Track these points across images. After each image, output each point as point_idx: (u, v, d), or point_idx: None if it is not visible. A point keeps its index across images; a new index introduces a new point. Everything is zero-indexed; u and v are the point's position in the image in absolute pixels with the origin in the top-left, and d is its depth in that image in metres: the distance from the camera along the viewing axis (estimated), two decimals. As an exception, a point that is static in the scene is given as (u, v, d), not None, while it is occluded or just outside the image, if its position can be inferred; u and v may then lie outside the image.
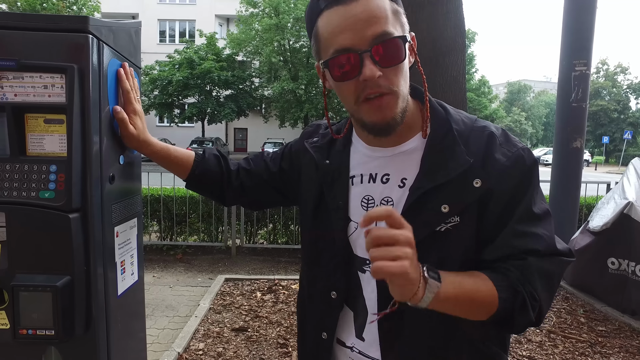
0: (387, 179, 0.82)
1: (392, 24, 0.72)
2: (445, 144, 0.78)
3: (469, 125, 0.80)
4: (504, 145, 0.76)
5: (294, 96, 21.84)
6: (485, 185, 0.74)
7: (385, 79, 0.71)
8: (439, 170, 0.76)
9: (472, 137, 0.78)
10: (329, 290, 0.87)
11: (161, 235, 5.15)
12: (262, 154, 1.12)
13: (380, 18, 0.70)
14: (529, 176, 0.76)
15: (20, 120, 0.97)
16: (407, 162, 0.81)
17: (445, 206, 0.75)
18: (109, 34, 1.04)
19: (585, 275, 3.91)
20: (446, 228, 0.75)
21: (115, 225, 1.10)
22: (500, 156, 0.75)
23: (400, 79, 0.73)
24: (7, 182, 0.96)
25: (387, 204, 0.81)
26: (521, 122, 51.39)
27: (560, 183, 4.65)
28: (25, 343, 0.98)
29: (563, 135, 4.57)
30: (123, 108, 1.05)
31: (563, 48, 4.57)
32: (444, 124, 0.80)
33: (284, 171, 1.04)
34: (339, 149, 0.90)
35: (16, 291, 0.95)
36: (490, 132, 0.78)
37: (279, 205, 1.16)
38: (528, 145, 14.01)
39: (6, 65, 0.94)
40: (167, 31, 29.62)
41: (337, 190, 0.87)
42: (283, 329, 3.17)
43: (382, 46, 0.70)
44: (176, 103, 23.29)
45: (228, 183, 1.08)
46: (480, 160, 0.75)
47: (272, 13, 21.34)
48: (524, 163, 0.76)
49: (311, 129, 1.02)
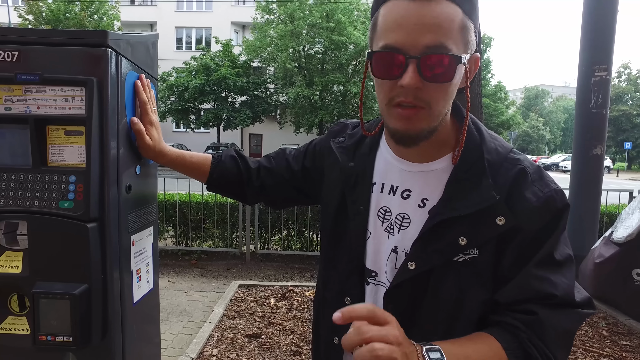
0: (407, 195, 0.79)
1: (454, 39, 0.66)
2: (473, 173, 0.73)
3: (503, 156, 0.75)
4: (537, 184, 0.72)
5: (309, 102, 21.93)
6: (508, 224, 0.70)
7: (424, 93, 0.67)
8: (461, 200, 0.72)
9: (503, 169, 0.73)
10: (343, 295, 0.85)
11: (176, 240, 5.21)
12: (284, 151, 1.09)
13: (442, 28, 0.64)
14: (557, 219, 0.71)
15: (42, 131, 1.00)
16: (432, 182, 0.77)
17: (463, 239, 0.71)
18: (127, 47, 1.07)
19: (608, 287, 3.80)
20: (464, 259, 0.72)
21: (132, 234, 1.12)
22: (531, 195, 0.70)
23: (441, 97, 0.69)
24: (29, 191, 0.99)
25: (403, 221, 0.79)
26: (539, 127, 50.54)
27: (580, 191, 4.55)
28: (44, 349, 1.00)
29: (582, 142, 4.48)
30: (140, 119, 1.08)
31: (582, 53, 4.48)
32: (476, 151, 0.75)
33: (307, 169, 1.02)
34: (365, 152, 0.87)
35: (36, 298, 0.97)
36: (522, 167, 0.73)
37: (300, 204, 1.15)
38: (546, 151, 13.61)
39: (30, 79, 0.97)
40: (184, 38, 30.15)
41: (358, 195, 0.84)
42: (296, 336, 3.16)
43: (433, 58, 0.65)
44: (192, 109, 23.63)
45: (248, 182, 1.07)
46: (506, 195, 0.71)
47: (287, 20, 21.54)
48: (555, 206, 0.71)
49: (338, 127, 0.99)
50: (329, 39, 20.90)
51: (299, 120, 23.34)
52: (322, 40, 21.40)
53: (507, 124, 28.09)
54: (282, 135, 26.76)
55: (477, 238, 0.71)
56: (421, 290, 0.75)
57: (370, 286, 0.83)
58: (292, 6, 21.07)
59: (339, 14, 20.80)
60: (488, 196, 0.70)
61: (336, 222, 0.89)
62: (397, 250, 0.79)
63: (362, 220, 0.83)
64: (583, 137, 4.47)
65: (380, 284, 0.82)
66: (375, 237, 0.82)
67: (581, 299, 0.72)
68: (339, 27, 20.77)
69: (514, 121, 28.75)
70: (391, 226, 0.80)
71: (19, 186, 0.99)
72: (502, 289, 0.72)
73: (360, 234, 0.83)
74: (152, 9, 29.81)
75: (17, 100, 0.99)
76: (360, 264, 0.83)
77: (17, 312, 1.04)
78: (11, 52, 0.98)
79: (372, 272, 0.82)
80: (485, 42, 25.70)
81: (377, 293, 0.81)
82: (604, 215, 4.92)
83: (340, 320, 0.57)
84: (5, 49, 0.98)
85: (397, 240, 0.79)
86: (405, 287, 0.76)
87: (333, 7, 20.94)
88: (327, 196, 0.93)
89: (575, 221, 4.61)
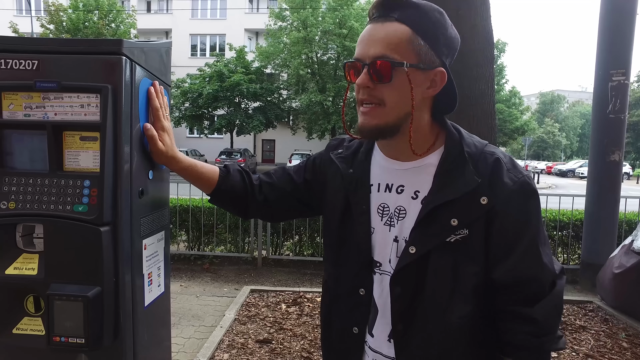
0: (401, 190, 0.92)
1: (399, 51, 0.82)
2: (457, 164, 0.87)
3: (480, 149, 0.88)
4: (511, 171, 0.85)
5: (322, 108, 22.00)
6: (491, 202, 0.83)
7: (376, 91, 0.84)
8: (449, 187, 0.85)
9: (482, 159, 0.86)
10: (357, 288, 0.95)
11: (189, 245, 5.26)
12: (283, 168, 1.20)
13: (388, 43, 0.82)
14: (534, 202, 0.86)
15: (59, 137, 1.03)
16: (421, 176, 0.90)
17: (454, 220, 0.84)
18: (141, 55, 1.09)
19: (628, 297, 3.69)
20: (456, 239, 0.84)
21: (144, 238, 1.14)
22: (508, 180, 0.84)
23: (391, 95, 0.84)
24: (45, 195, 1.01)
25: (400, 213, 0.91)
26: (554, 133, 49.74)
27: (597, 197, 4.46)
28: (57, 350, 1.02)
29: (599, 148, 4.39)
30: (152, 125, 1.10)
31: (599, 57, 4.41)
32: (457, 146, 0.89)
33: (308, 181, 1.11)
34: (362, 159, 1.00)
35: (51, 299, 0.99)
36: (497, 157, 0.86)
37: (300, 216, 1.26)
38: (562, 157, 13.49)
39: (49, 86, 1.00)
40: (199, 45, 30.65)
41: (360, 197, 0.96)
42: (307, 342, 3.15)
43: (378, 64, 0.82)
44: (206, 115, 23.93)
45: (252, 197, 1.12)
46: (487, 180, 0.84)
47: (300, 26, 21.72)
48: (529, 188, 0.85)
49: (336, 142, 1.11)
50: (341, 45, 20.99)
51: (312, 126, 23.43)
52: (335, 46, 21.51)
53: (521, 130, 27.71)
54: (295, 141, 26.88)
55: (466, 218, 0.84)
56: (423, 271, 0.86)
57: (376, 276, 0.94)
58: (305, 13, 21.25)
59: (352, 21, 20.89)
60: (471, 180, 0.84)
61: (342, 223, 0.99)
62: (397, 239, 0.91)
63: (366, 218, 0.94)
64: (600, 142, 4.39)
65: (385, 272, 0.92)
66: (378, 231, 0.93)
67: (558, 268, 0.88)
68: (351, 33, 20.85)
69: (528, 127, 28.33)
70: (390, 219, 0.92)
71: (36, 190, 1.02)
72: (497, 268, 0.86)
73: (366, 230, 0.94)
74: (168, 16, 30.40)
75: (36, 107, 1.02)
76: (369, 257, 0.94)
77: (32, 313, 1.06)
78: (31, 60, 1.01)
79: (377, 263, 0.93)
80: (499, 47, 25.43)
81: (383, 281, 0.92)
82: (623, 223, 4.80)
83: None
84: (25, 57, 1.01)
85: (397, 230, 0.91)
86: (408, 270, 0.87)
87: (346, 14, 21.04)
88: (331, 202, 1.03)
89: (592, 229, 4.51)
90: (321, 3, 21.76)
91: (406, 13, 0.82)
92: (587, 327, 3.53)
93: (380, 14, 0.84)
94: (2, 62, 1.01)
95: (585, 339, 3.30)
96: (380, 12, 0.84)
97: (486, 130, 2.83)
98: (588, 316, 3.78)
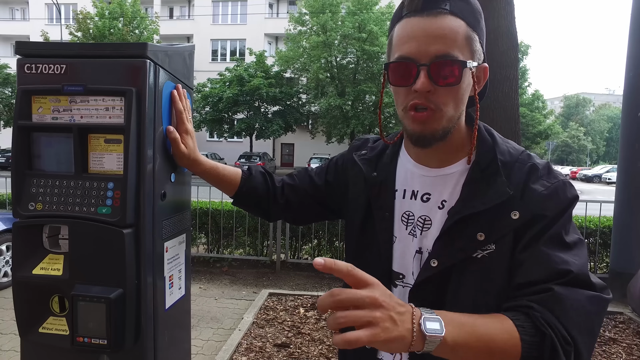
0: (427, 199, 0.84)
1: (459, 47, 0.73)
2: (488, 173, 0.79)
3: (515, 156, 0.80)
4: (545, 178, 0.77)
5: (341, 112, 22.00)
6: (523, 218, 0.74)
7: (435, 96, 0.74)
8: (478, 198, 0.77)
9: (516, 168, 0.78)
10: None
11: (208, 247, 5.31)
12: (306, 169, 1.15)
13: (448, 39, 0.73)
14: (565, 207, 0.74)
15: (84, 140, 1.04)
16: (449, 184, 0.82)
17: (481, 234, 0.75)
18: (164, 58, 1.10)
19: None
20: (482, 255, 0.76)
21: (165, 241, 1.15)
22: (539, 186, 0.75)
23: (450, 100, 0.75)
24: (70, 197, 1.03)
25: (425, 223, 0.83)
26: (579, 137, 48.38)
27: (627, 204, 4.29)
28: (80, 350, 1.03)
29: (629, 152, 4.23)
30: (175, 128, 1.11)
31: (630, 57, 4.26)
32: (489, 153, 0.81)
33: (330, 184, 1.07)
34: (387, 162, 0.93)
35: (75, 300, 1.01)
36: (532, 164, 0.78)
37: (322, 219, 1.21)
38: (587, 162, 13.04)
39: (76, 90, 1.02)
40: (219, 50, 31.13)
41: (382, 202, 0.89)
42: (325, 347, 3.13)
43: (441, 65, 0.72)
44: (226, 119, 24.23)
45: (274, 199, 1.11)
46: (520, 191, 0.76)
47: (319, 31, 21.79)
48: (563, 194, 0.75)
49: (359, 142, 1.05)
50: (361, 49, 20.95)
51: (331, 130, 23.43)
52: (354, 50, 21.48)
53: (545, 134, 27.05)
54: (314, 145, 26.93)
55: (494, 233, 0.75)
56: (443, 287, 0.78)
57: (398, 288, 0.86)
58: (324, 17, 21.33)
59: (372, 25, 20.85)
60: (503, 192, 0.75)
61: (363, 230, 0.93)
62: (421, 251, 0.83)
63: (388, 225, 0.87)
64: (630, 146, 4.23)
65: (407, 285, 0.85)
66: (400, 240, 0.87)
67: (597, 282, 0.71)
68: (371, 37, 20.81)
69: (552, 131, 27.64)
70: (414, 229, 0.85)
71: (62, 192, 1.03)
72: (516, 272, 0.73)
73: (387, 239, 0.87)
74: (189, 22, 31.01)
75: (63, 110, 1.04)
76: (388, 267, 0.87)
77: (57, 313, 1.08)
78: (60, 65, 1.03)
79: (400, 275, 0.86)
80: (522, 49, 24.93)
81: (405, 295, 0.84)
82: (655, 230, 4.60)
83: (320, 266, 0.58)
84: (54, 62, 1.03)
85: (420, 241, 0.84)
86: (428, 284, 0.79)
87: (365, 18, 21.02)
88: (353, 206, 0.97)
89: (622, 236, 4.35)
90: (341, 7, 21.81)
91: (456, 4, 0.74)
92: (617, 339, 3.39)
93: (428, 5, 0.73)
94: (33, 66, 1.04)
95: (616, 352, 3.17)
96: (427, 3, 0.73)
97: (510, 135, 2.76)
98: (618, 328, 3.63)
